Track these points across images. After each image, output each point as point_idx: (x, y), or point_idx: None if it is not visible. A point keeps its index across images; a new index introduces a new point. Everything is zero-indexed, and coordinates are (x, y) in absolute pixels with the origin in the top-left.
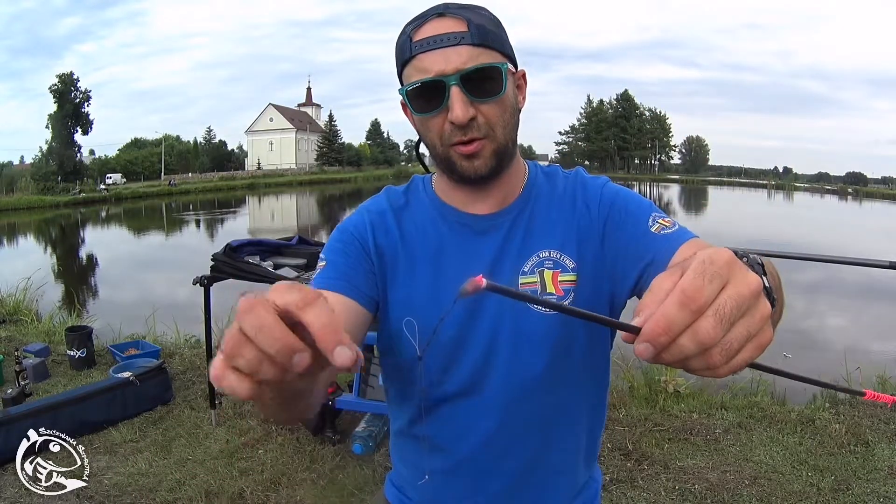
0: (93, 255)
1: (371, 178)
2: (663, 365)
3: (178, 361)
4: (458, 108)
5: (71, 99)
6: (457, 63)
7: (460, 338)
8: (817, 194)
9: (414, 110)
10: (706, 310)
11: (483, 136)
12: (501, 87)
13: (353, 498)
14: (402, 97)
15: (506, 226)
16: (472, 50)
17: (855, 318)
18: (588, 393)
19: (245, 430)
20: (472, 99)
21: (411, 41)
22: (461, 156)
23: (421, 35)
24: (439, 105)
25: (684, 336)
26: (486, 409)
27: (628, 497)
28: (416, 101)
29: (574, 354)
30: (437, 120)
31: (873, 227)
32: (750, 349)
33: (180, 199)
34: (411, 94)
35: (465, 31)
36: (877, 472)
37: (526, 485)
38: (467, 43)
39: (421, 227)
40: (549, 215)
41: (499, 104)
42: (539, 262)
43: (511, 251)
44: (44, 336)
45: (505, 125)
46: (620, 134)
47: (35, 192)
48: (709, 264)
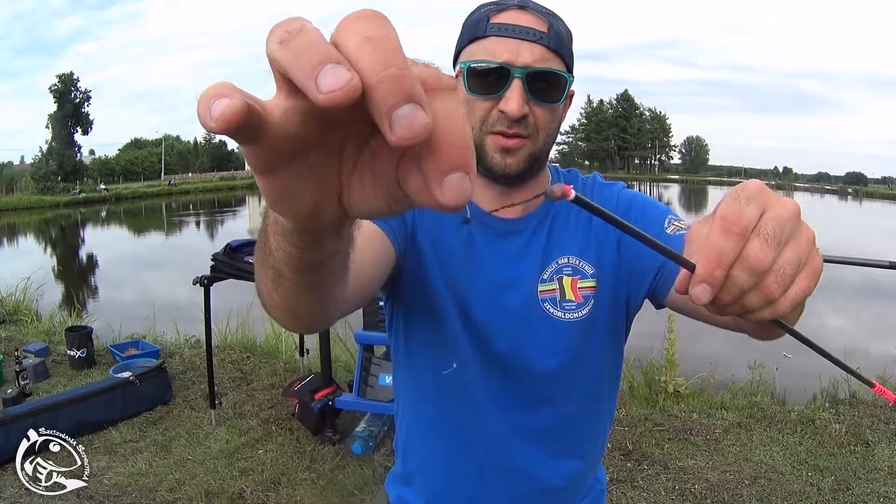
0: (93, 255)
1: None
2: (726, 315)
3: (178, 361)
4: (514, 101)
5: (71, 99)
6: (529, 58)
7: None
8: (817, 194)
9: (468, 88)
10: (749, 234)
11: (527, 136)
12: (561, 96)
13: (353, 498)
14: (461, 70)
15: (528, 232)
16: (546, 52)
17: (855, 318)
18: (602, 397)
19: (245, 430)
20: (529, 97)
21: (488, 21)
22: (497, 147)
23: (500, 20)
24: (496, 92)
25: (736, 266)
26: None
27: (628, 497)
28: (473, 80)
29: (591, 360)
30: (486, 105)
31: (873, 226)
32: (804, 277)
33: (180, 199)
34: (472, 71)
35: (544, 32)
36: (877, 472)
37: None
38: (544, 44)
39: (448, 222)
40: (567, 222)
41: (552, 111)
42: (558, 268)
43: (531, 258)
44: (44, 336)
45: (549, 133)
46: (620, 134)
47: (35, 192)
48: (741, 191)
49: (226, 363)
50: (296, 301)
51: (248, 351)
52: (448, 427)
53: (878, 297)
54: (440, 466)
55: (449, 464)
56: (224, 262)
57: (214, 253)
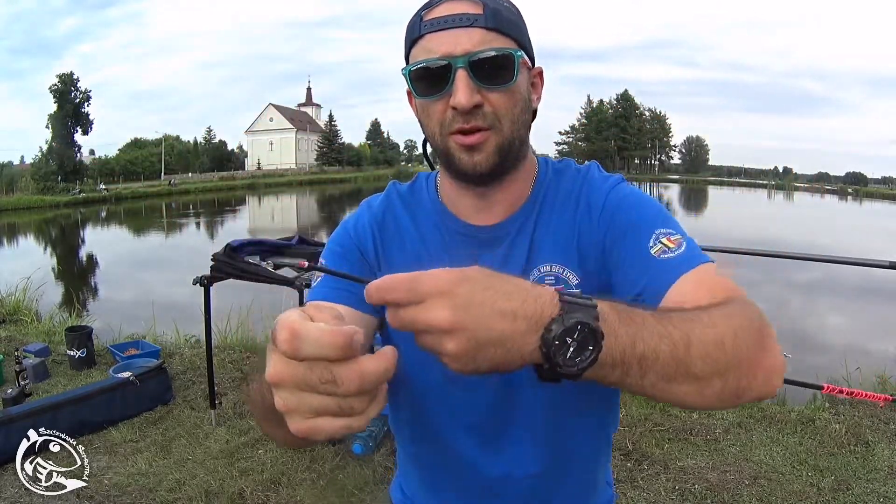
0: (93, 255)
1: (371, 178)
2: None
3: (178, 361)
4: (461, 92)
5: (71, 99)
6: (467, 45)
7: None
8: (817, 194)
9: (416, 93)
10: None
11: (488, 127)
12: (513, 75)
13: (353, 498)
14: (405, 79)
15: (509, 238)
16: (486, 34)
17: (855, 318)
18: (607, 396)
19: (245, 430)
20: (479, 85)
21: (422, 20)
22: (460, 147)
23: (432, 15)
24: (443, 89)
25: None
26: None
27: (628, 497)
28: (419, 84)
29: None
30: (438, 105)
31: (873, 226)
32: None
33: (180, 199)
34: (415, 74)
35: (479, 14)
36: (877, 472)
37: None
38: (480, 25)
39: (423, 233)
40: (550, 222)
41: (508, 94)
42: (539, 277)
43: (513, 266)
44: (44, 336)
45: (514, 119)
46: (620, 134)
47: (35, 192)
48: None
49: (226, 363)
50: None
51: (248, 351)
52: (428, 437)
53: (877, 297)
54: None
55: (431, 479)
56: (224, 262)
57: (214, 253)
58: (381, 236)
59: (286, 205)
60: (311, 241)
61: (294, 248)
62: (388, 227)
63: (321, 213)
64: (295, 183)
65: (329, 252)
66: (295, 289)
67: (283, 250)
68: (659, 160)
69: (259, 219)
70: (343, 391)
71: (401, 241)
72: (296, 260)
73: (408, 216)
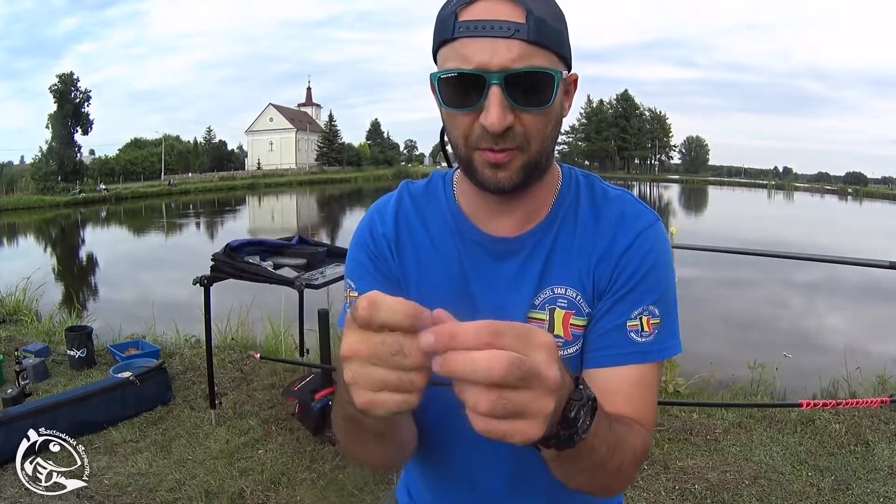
0: (93, 255)
1: (371, 178)
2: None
3: (178, 361)
4: (494, 113)
5: (71, 99)
6: (504, 59)
7: None
8: (817, 194)
9: (443, 101)
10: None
11: (516, 147)
12: (550, 97)
13: (353, 498)
14: (431, 82)
15: (525, 251)
16: (526, 47)
17: (855, 318)
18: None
19: (245, 430)
20: (512, 105)
21: (456, 19)
22: (486, 162)
23: (469, 15)
24: (474, 103)
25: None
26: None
27: (628, 497)
28: (448, 92)
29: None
30: (466, 118)
31: (873, 226)
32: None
33: (180, 199)
34: (444, 82)
35: (521, 23)
36: (877, 472)
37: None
38: (521, 38)
39: (436, 242)
40: (572, 243)
41: (543, 115)
42: (552, 298)
43: (527, 283)
44: (44, 336)
45: (544, 139)
46: (620, 134)
47: (35, 192)
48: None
49: (226, 363)
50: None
51: (248, 351)
52: (437, 447)
53: (878, 297)
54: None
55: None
56: (224, 262)
57: (214, 253)
58: (395, 246)
59: (286, 205)
60: (310, 241)
61: (294, 248)
62: (401, 234)
63: (321, 214)
64: (295, 183)
65: (354, 274)
66: (295, 289)
67: (283, 250)
68: (659, 160)
69: (259, 219)
70: (410, 363)
71: (414, 250)
72: (296, 260)
73: (419, 222)
